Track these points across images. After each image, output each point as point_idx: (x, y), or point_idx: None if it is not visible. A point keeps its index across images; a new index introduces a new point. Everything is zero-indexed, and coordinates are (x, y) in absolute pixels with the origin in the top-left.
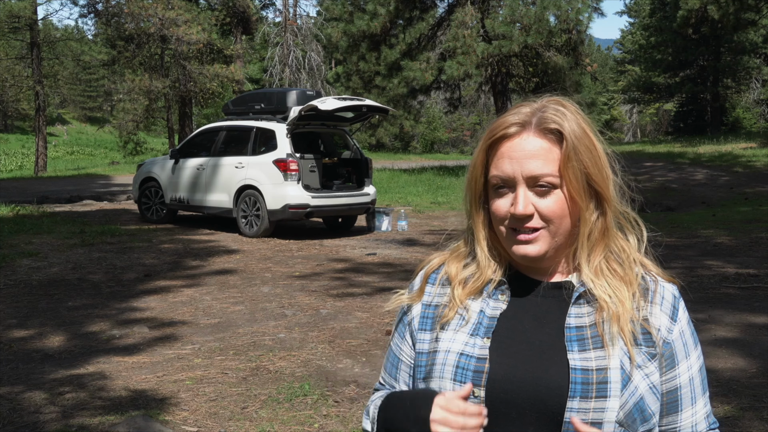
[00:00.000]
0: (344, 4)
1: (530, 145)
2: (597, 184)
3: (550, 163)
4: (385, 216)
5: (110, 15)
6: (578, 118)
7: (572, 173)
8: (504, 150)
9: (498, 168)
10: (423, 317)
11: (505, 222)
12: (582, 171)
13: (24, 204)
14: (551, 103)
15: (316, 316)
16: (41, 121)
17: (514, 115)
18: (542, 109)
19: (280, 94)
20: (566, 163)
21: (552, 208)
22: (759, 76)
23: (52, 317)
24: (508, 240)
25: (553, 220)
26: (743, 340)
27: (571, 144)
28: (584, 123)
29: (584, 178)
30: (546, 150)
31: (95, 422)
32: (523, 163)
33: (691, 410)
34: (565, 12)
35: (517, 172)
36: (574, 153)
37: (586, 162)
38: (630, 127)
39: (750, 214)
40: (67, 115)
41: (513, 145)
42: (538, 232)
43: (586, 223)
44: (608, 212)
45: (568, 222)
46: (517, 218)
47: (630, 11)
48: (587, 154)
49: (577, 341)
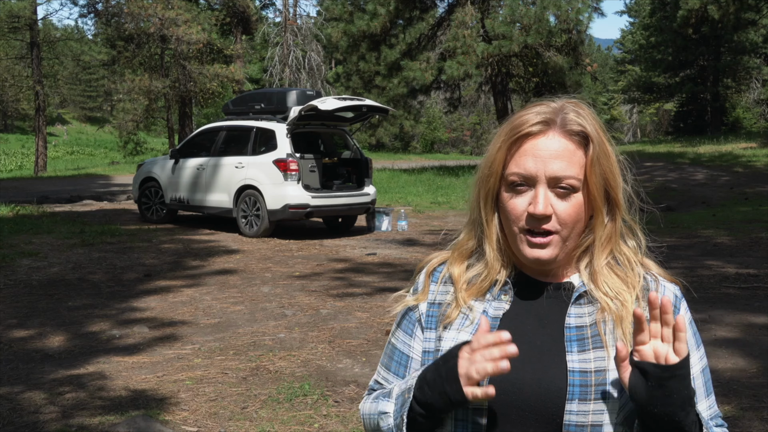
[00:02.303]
0: (344, 4)
1: (556, 144)
2: (612, 189)
3: (574, 166)
4: (385, 216)
5: (110, 15)
6: (595, 123)
7: (596, 177)
8: (528, 147)
9: (519, 165)
10: (428, 316)
11: (519, 222)
12: (602, 175)
13: (24, 204)
14: (570, 105)
15: (316, 316)
16: (41, 121)
17: (536, 114)
18: (563, 109)
19: (280, 94)
20: (592, 167)
21: (569, 211)
22: (759, 76)
23: (52, 317)
24: (521, 242)
25: (568, 224)
26: (743, 340)
27: (597, 148)
28: (600, 128)
29: (603, 183)
30: (570, 152)
31: (95, 422)
32: (547, 163)
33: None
34: (565, 12)
35: (540, 171)
36: (598, 157)
37: (605, 167)
38: (630, 127)
39: (750, 214)
40: (67, 115)
41: (538, 143)
42: (551, 236)
43: (602, 227)
44: (617, 218)
45: (580, 226)
46: (535, 218)
47: (630, 11)
48: (605, 159)
49: (576, 341)
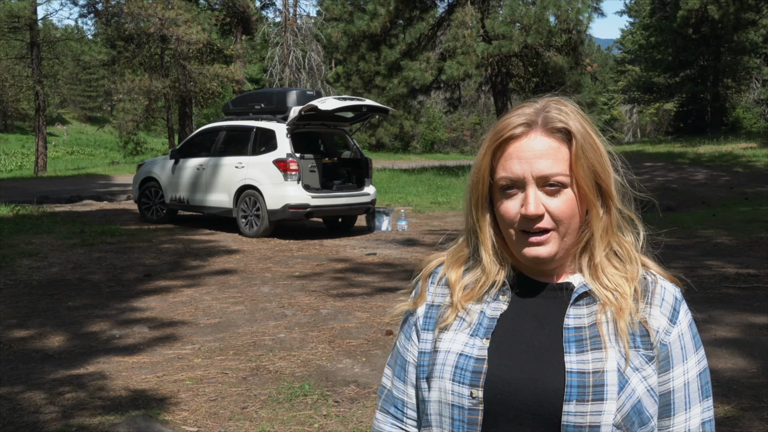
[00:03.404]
0: (344, 4)
1: (539, 144)
2: (603, 181)
3: (560, 162)
4: (385, 216)
5: (110, 15)
6: (579, 117)
7: (582, 171)
8: (512, 150)
9: (506, 169)
10: (426, 317)
11: (514, 225)
12: (590, 168)
13: (24, 204)
14: (552, 103)
15: (316, 316)
16: (41, 121)
17: (518, 116)
18: (545, 108)
19: (280, 94)
20: (577, 161)
21: (562, 208)
22: (759, 76)
23: (52, 317)
24: (518, 243)
25: (563, 221)
26: (743, 340)
27: (580, 142)
28: (585, 121)
29: (592, 175)
30: (555, 149)
31: (95, 422)
32: (532, 163)
33: (685, 416)
34: (565, 12)
35: (527, 172)
36: (582, 151)
37: (592, 159)
38: (630, 127)
39: (750, 214)
40: (67, 115)
41: (521, 145)
42: (548, 233)
43: (598, 220)
44: (612, 209)
45: (576, 222)
46: (528, 219)
47: (630, 11)
48: (592, 152)
49: (575, 342)
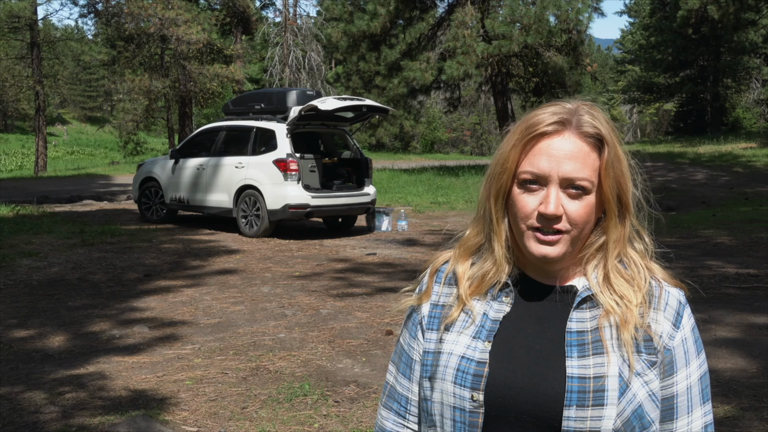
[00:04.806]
0: (344, 4)
1: (570, 145)
2: (624, 193)
3: (587, 167)
4: (385, 216)
5: (110, 15)
6: (609, 126)
7: (610, 180)
8: (542, 146)
9: (533, 164)
10: (431, 317)
11: (528, 220)
12: (615, 179)
13: (24, 204)
14: (585, 107)
15: (316, 316)
16: (41, 121)
17: (551, 114)
18: (578, 111)
19: (280, 94)
20: (606, 170)
21: (580, 212)
22: (759, 76)
23: (52, 317)
24: (529, 239)
25: (578, 225)
26: (743, 340)
27: (611, 151)
28: (613, 131)
29: (617, 186)
30: (585, 154)
31: (95, 422)
32: (561, 163)
33: (687, 419)
34: (565, 12)
35: (553, 171)
36: (612, 161)
37: (617, 170)
38: (630, 127)
39: (750, 214)
40: (67, 115)
41: (552, 143)
42: (561, 235)
43: (615, 229)
44: (627, 222)
45: (589, 228)
46: (546, 218)
47: (630, 11)
48: (617, 163)
49: (577, 347)
